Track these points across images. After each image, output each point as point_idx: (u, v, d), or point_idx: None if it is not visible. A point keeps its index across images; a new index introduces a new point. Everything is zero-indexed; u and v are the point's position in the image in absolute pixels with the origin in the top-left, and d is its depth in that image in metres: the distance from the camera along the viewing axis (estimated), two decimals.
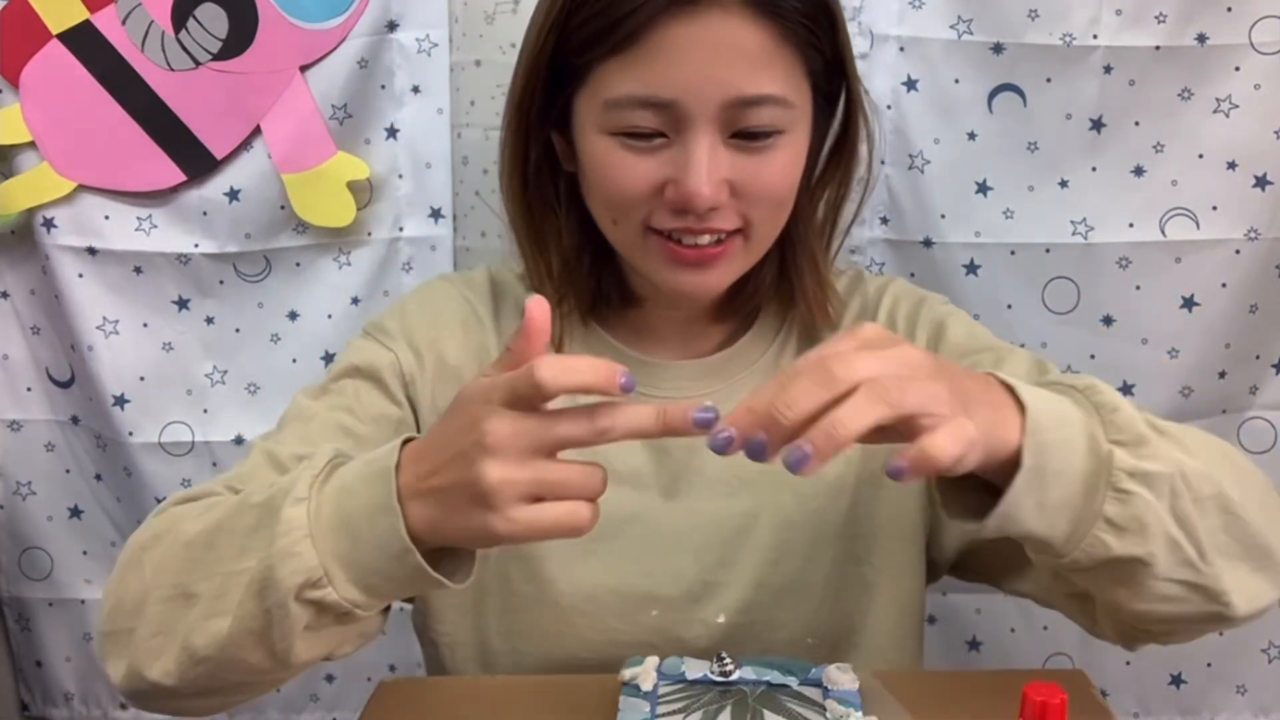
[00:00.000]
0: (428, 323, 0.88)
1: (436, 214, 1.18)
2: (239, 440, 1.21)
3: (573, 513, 0.58)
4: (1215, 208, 1.11)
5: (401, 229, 1.18)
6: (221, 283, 1.19)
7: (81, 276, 1.16)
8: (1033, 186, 1.12)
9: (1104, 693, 1.10)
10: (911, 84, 1.11)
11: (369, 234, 1.18)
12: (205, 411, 1.21)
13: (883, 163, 1.11)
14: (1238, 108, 1.09)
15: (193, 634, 0.64)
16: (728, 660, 0.73)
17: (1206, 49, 1.08)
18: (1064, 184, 1.12)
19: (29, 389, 1.24)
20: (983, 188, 1.13)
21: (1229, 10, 1.07)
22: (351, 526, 0.62)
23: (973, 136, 1.12)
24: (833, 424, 0.55)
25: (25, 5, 1.11)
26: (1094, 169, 1.11)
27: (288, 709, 1.29)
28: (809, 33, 0.76)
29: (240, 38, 1.11)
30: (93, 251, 1.16)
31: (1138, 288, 1.13)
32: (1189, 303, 1.13)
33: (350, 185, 1.15)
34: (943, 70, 1.11)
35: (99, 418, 1.21)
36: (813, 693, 0.72)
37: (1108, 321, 1.14)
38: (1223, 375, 1.15)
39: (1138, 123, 1.10)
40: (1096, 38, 1.08)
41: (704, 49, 0.73)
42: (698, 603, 0.85)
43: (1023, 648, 1.22)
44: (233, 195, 1.15)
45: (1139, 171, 1.11)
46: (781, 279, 0.87)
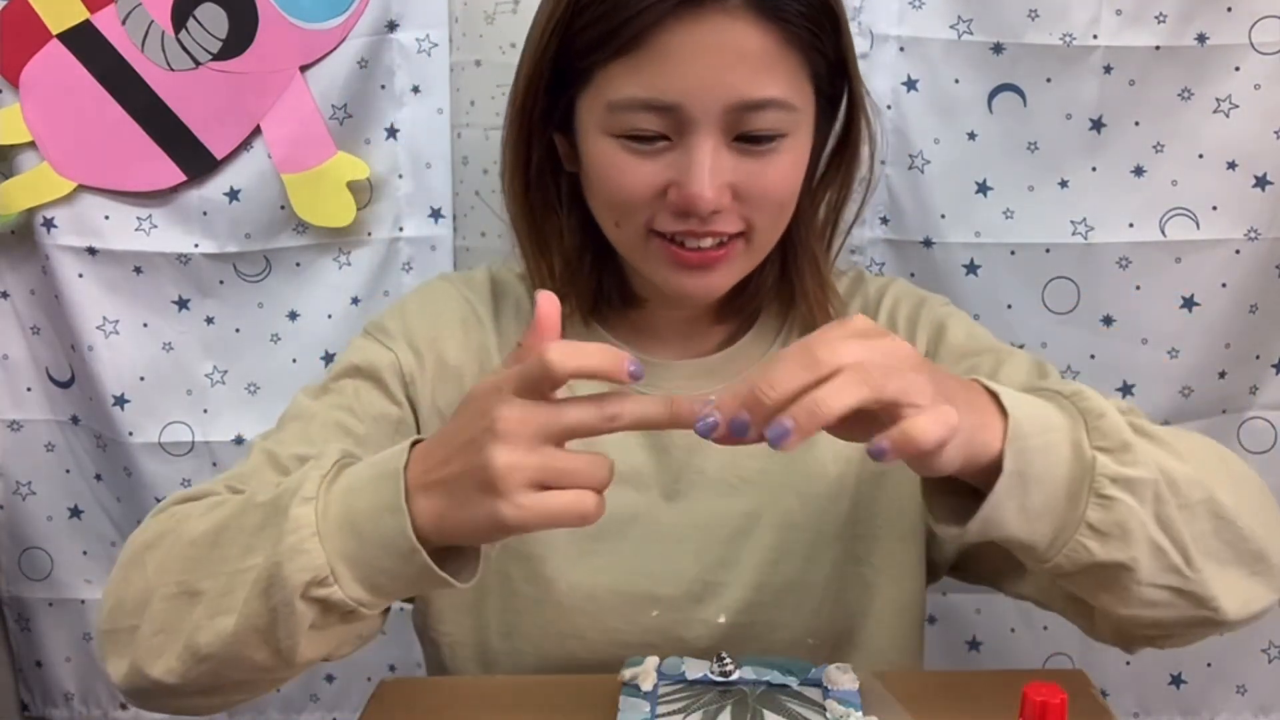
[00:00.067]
0: (428, 322, 0.88)
1: (436, 214, 1.17)
2: (239, 440, 1.21)
3: (579, 500, 0.58)
4: (1215, 208, 1.11)
5: (401, 229, 1.18)
6: (221, 283, 1.19)
7: (81, 276, 1.16)
8: (1033, 186, 1.12)
9: (1104, 693, 1.10)
10: (911, 84, 1.11)
11: (369, 234, 1.18)
12: (205, 411, 1.21)
13: (883, 163, 1.11)
14: (1238, 108, 1.08)
15: (197, 632, 0.64)
16: (728, 660, 0.73)
17: (1206, 49, 1.08)
18: (1064, 184, 1.12)
19: (29, 389, 1.24)
20: (983, 188, 1.13)
21: (1229, 10, 1.07)
22: (358, 526, 0.62)
23: (973, 136, 1.12)
24: (814, 401, 0.55)
25: (25, 5, 1.11)
26: (1094, 169, 1.11)
27: (288, 709, 1.29)
28: (812, 36, 0.76)
29: (240, 38, 1.11)
30: (93, 251, 1.16)
31: (1138, 288, 1.13)
32: (1189, 303, 1.13)
33: (350, 185, 1.15)
34: (943, 70, 1.10)
35: (99, 418, 1.21)
36: (813, 693, 0.72)
37: (1108, 321, 1.14)
38: (1223, 375, 1.15)
39: (1138, 123, 1.10)
40: (1096, 38, 1.08)
41: (708, 52, 0.73)
42: (698, 603, 0.85)
43: (1023, 648, 1.22)
44: (233, 195, 1.15)
45: (1139, 171, 1.11)
46: (782, 280, 0.87)
